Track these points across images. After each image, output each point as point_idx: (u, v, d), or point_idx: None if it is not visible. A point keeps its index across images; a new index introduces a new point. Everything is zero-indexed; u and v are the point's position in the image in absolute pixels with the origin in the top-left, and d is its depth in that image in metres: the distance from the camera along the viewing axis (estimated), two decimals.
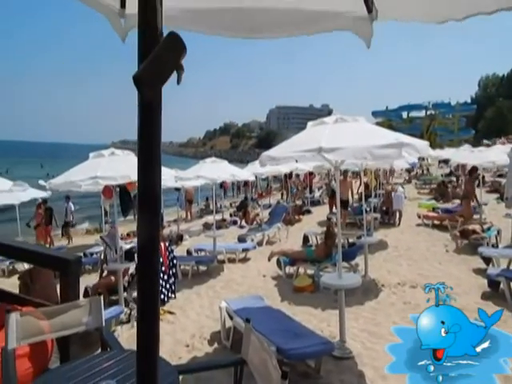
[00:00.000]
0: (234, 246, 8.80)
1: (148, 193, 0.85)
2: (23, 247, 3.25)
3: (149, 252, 0.91)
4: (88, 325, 2.41)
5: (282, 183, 20.90)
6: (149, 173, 0.86)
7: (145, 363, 1.04)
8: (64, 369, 1.85)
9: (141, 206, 0.86)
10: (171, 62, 0.78)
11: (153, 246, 0.92)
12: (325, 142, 4.20)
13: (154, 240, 0.91)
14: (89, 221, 17.31)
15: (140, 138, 0.83)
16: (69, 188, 6.13)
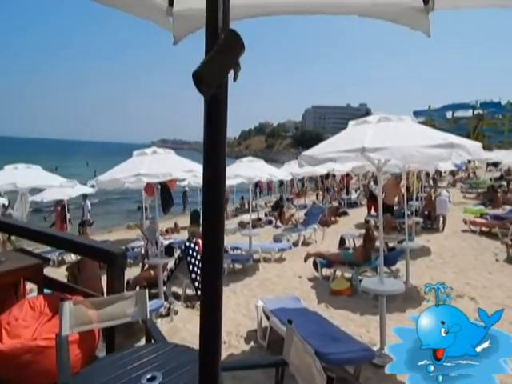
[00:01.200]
0: (269, 245, 8.79)
1: (212, 187, 0.85)
2: (73, 239, 3.43)
3: (214, 244, 0.90)
4: (134, 316, 2.49)
5: (317, 184, 20.61)
6: (214, 168, 0.86)
7: (207, 365, 1.04)
8: (113, 358, 1.92)
9: (205, 200, 0.86)
10: (229, 60, 0.78)
11: (217, 235, 0.91)
12: (368, 142, 4.08)
13: (218, 231, 0.91)
14: (130, 216, 18.06)
15: (206, 134, 0.83)
16: (113, 185, 6.41)
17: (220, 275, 1.02)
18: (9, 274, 3.20)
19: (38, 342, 2.62)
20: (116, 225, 16.53)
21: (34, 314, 2.99)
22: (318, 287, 6.20)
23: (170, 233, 12.23)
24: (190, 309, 5.45)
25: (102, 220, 17.50)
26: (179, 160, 6.37)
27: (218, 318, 1.04)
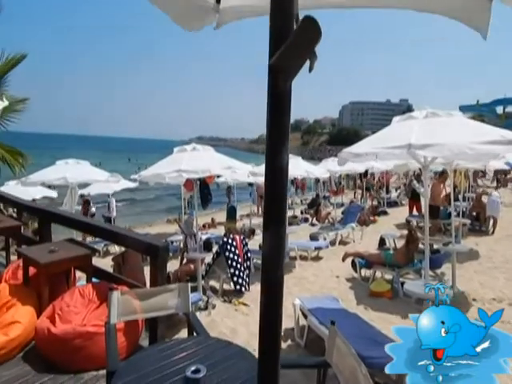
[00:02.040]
0: (306, 243, 8.70)
1: (275, 180, 0.83)
2: (120, 232, 3.58)
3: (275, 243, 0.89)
4: (177, 309, 2.55)
5: (355, 182, 20.09)
6: (277, 160, 0.84)
7: (267, 365, 1.03)
8: (158, 348, 1.97)
9: (268, 193, 0.84)
10: (306, 49, 0.74)
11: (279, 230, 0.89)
12: (415, 138, 3.89)
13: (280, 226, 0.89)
14: (169, 211, 18.65)
15: (269, 126, 0.81)
16: (155, 180, 6.63)
17: (281, 274, 0.99)
18: (61, 263, 3.41)
19: (88, 328, 2.77)
20: (156, 219, 17.14)
21: (84, 302, 3.16)
22: (357, 288, 6.04)
23: (207, 228, 12.47)
24: (227, 304, 5.52)
25: (142, 214, 18.24)
26: (218, 156, 6.46)
27: (277, 316, 1.02)
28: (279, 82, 0.75)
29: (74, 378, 2.58)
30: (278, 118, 0.81)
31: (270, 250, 0.94)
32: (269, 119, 0.81)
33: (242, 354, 1.98)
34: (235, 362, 1.89)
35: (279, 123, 0.81)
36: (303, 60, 0.75)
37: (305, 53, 0.75)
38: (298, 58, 0.75)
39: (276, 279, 0.97)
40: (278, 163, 0.84)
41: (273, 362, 1.02)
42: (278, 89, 0.79)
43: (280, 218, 0.89)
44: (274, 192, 0.85)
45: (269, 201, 0.86)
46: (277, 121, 0.81)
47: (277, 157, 0.83)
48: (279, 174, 0.84)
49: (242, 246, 6.50)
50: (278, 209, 0.87)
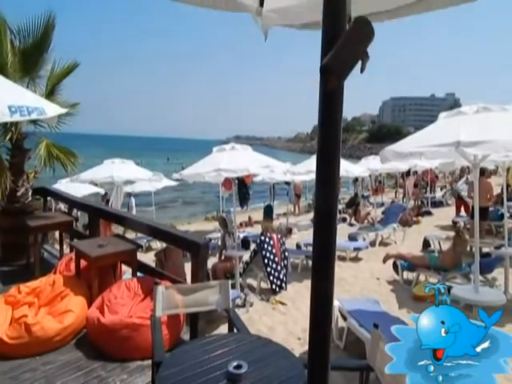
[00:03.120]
0: (344, 243, 8.51)
1: (326, 178, 0.83)
2: (164, 229, 3.72)
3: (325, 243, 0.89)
4: (217, 305, 2.61)
5: (396, 181, 19.34)
6: (328, 159, 0.83)
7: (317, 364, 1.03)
8: (201, 342, 2.03)
9: (318, 193, 0.84)
10: (359, 49, 0.73)
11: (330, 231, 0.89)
12: (464, 135, 3.67)
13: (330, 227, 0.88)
14: (206, 209, 19.07)
15: (321, 126, 0.80)
16: (195, 179, 6.82)
17: (331, 275, 0.98)
18: (109, 257, 3.60)
19: (134, 320, 2.91)
20: (194, 216, 17.59)
21: (130, 294, 3.32)
22: (399, 291, 5.82)
23: (244, 226, 12.59)
24: (264, 302, 5.56)
25: (181, 212, 18.80)
26: (256, 156, 6.49)
27: (327, 318, 1.01)
28: (332, 82, 0.74)
29: (121, 366, 2.72)
30: (330, 118, 0.80)
31: (319, 253, 0.93)
32: (321, 119, 0.80)
33: (283, 352, 1.98)
34: (276, 360, 1.89)
35: (331, 123, 0.80)
36: (355, 60, 0.74)
37: (357, 53, 0.74)
38: (351, 59, 0.74)
39: (326, 284, 0.96)
40: (330, 163, 0.83)
41: (323, 364, 1.01)
42: (330, 89, 0.78)
43: (330, 219, 0.87)
44: (324, 193, 0.85)
45: (319, 202, 0.85)
46: (329, 120, 0.80)
47: (328, 157, 0.82)
48: (331, 174, 0.83)
49: (279, 245, 6.50)
50: (328, 210, 0.86)
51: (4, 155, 4.69)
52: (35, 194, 5.18)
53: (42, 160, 4.97)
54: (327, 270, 0.95)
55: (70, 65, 5.31)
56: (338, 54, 0.73)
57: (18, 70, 4.88)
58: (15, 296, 3.12)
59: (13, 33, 4.90)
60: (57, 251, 5.10)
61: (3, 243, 4.93)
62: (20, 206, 4.79)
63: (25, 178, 4.95)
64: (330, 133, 0.82)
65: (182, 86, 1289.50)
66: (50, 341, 2.84)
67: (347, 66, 0.74)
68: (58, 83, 5.28)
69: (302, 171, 8.61)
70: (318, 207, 0.87)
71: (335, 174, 0.86)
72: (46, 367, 2.66)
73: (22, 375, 2.56)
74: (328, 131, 0.83)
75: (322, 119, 0.82)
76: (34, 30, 4.93)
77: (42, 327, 2.83)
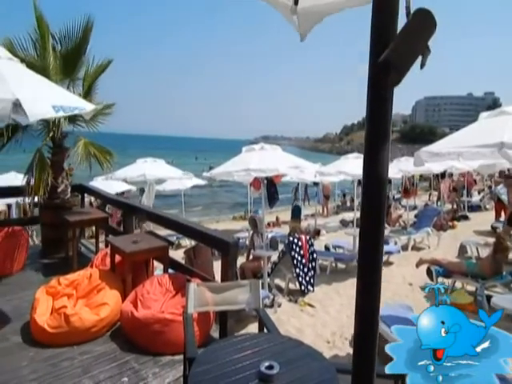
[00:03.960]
0: None
1: (373, 179, 0.80)
2: (195, 227, 3.77)
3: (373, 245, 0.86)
4: (248, 304, 2.61)
5: (430, 183, 18.63)
6: (376, 160, 0.80)
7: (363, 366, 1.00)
8: (232, 341, 2.04)
9: (365, 194, 0.81)
10: (420, 43, 0.69)
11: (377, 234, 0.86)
12: (509, 136, 3.47)
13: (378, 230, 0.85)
14: (234, 209, 19.21)
15: (370, 128, 0.77)
16: (224, 178, 6.88)
17: (378, 278, 0.95)
18: (143, 253, 3.71)
19: (165, 315, 2.97)
20: (222, 215, 17.77)
21: (162, 290, 3.39)
22: (433, 298, 5.57)
23: (272, 226, 12.57)
24: (292, 303, 5.52)
25: (209, 211, 19.05)
26: (285, 156, 6.47)
27: (374, 322, 0.98)
28: (389, 80, 0.70)
29: (153, 360, 2.79)
30: (381, 119, 0.76)
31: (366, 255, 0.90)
32: (369, 120, 0.77)
33: (314, 355, 1.95)
34: (307, 363, 1.87)
35: (382, 124, 0.76)
36: (416, 55, 0.70)
37: (418, 47, 0.69)
38: (411, 54, 0.70)
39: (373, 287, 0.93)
40: (378, 165, 0.79)
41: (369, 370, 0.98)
42: (386, 88, 0.75)
43: (378, 221, 0.84)
44: (371, 196, 0.81)
45: (366, 204, 0.82)
46: (379, 122, 0.76)
47: (376, 159, 0.79)
48: (379, 176, 0.80)
49: (308, 247, 6.43)
50: (376, 213, 0.83)
51: (46, 153, 4.93)
52: (73, 190, 5.42)
53: (80, 158, 5.18)
54: (374, 274, 0.92)
55: (103, 63, 5.48)
56: (398, 49, 0.70)
57: (58, 73, 5.10)
58: (55, 287, 3.27)
59: (54, 38, 5.13)
60: (93, 246, 5.31)
61: (44, 237, 5.20)
62: (60, 201, 5.02)
63: (64, 175, 5.18)
64: (380, 133, 0.79)
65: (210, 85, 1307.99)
66: (87, 331, 2.96)
67: (407, 62, 0.70)
68: (94, 82, 5.47)
69: (332, 172, 8.47)
70: (365, 207, 0.84)
71: (383, 176, 0.82)
72: (83, 357, 2.78)
73: (61, 363, 2.69)
74: (377, 134, 0.79)
75: (371, 120, 0.79)
76: (73, 33, 5.14)
77: (80, 318, 2.95)
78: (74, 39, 5.15)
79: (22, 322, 3.16)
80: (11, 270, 4.32)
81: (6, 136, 4.71)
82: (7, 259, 4.30)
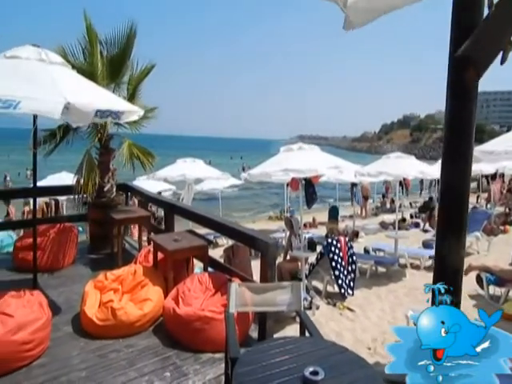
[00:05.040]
0: (418, 250, 7.93)
1: (452, 191, 0.74)
2: (234, 227, 3.78)
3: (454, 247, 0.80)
4: (289, 306, 2.57)
5: (478, 184, 17.49)
6: (456, 162, 0.75)
7: None
8: (275, 343, 2.01)
9: (443, 208, 0.76)
10: (503, 36, 0.63)
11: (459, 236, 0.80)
12: None
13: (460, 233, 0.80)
14: (270, 209, 19.22)
15: (449, 126, 0.72)
16: (262, 178, 6.87)
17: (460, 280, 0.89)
18: (184, 251, 3.78)
19: (206, 313, 3.00)
20: (258, 215, 17.83)
21: (202, 288, 3.44)
22: (483, 307, 5.17)
23: (308, 227, 12.42)
24: (331, 306, 5.40)
25: (245, 211, 19.19)
26: (324, 156, 6.35)
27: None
28: (469, 75, 0.65)
29: (194, 357, 2.83)
30: (464, 115, 0.70)
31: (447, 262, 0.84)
32: (449, 116, 0.71)
33: (359, 362, 1.88)
34: (353, 370, 1.80)
35: (464, 121, 0.70)
36: (497, 50, 0.63)
37: (500, 42, 0.63)
38: (492, 48, 0.63)
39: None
40: (458, 175, 0.74)
41: None
42: (465, 83, 0.69)
43: (461, 222, 0.78)
44: (449, 209, 0.75)
45: (447, 204, 0.76)
46: (461, 118, 0.71)
47: (459, 157, 0.73)
48: (459, 187, 0.74)
49: (347, 249, 6.27)
50: (458, 213, 0.77)
51: (94, 154, 5.19)
52: (118, 189, 5.66)
53: (125, 159, 5.39)
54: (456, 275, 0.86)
55: (147, 67, 5.67)
56: (478, 43, 0.63)
57: (105, 78, 5.34)
58: (103, 282, 3.42)
59: (101, 44, 5.39)
60: (136, 243, 5.52)
61: (92, 233, 5.48)
62: (106, 200, 5.26)
63: (110, 175, 5.43)
64: (461, 135, 0.73)
65: (245, 85, 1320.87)
66: (131, 325, 3.07)
67: (488, 57, 0.64)
68: (138, 85, 5.67)
69: (372, 172, 8.20)
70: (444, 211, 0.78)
71: (466, 177, 0.76)
72: (128, 349, 2.88)
73: (108, 354, 2.80)
74: (459, 132, 0.73)
75: (452, 117, 0.73)
76: (118, 39, 5.36)
77: (126, 312, 3.06)
78: (119, 45, 5.37)
79: (73, 314, 3.33)
80: (63, 264, 4.59)
81: (58, 137, 5.01)
82: (59, 254, 4.57)
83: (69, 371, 2.59)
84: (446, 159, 0.76)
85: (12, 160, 37.21)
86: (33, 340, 2.64)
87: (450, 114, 0.73)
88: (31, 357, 2.65)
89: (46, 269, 4.34)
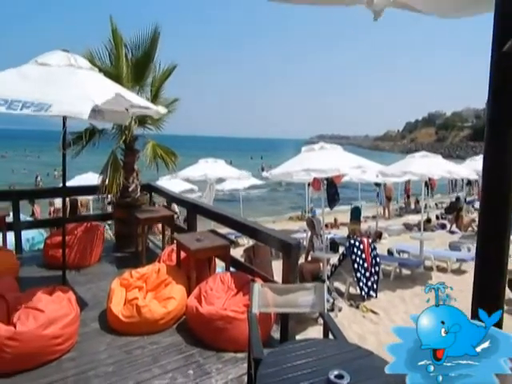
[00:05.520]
0: (445, 253, 7.68)
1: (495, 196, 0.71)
2: (256, 227, 3.79)
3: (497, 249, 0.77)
4: (312, 307, 2.54)
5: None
6: (498, 173, 0.71)
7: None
8: (299, 344, 1.99)
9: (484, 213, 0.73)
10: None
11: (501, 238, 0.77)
12: None
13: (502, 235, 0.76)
14: (290, 209, 19.13)
15: (490, 117, 0.69)
16: (283, 178, 6.86)
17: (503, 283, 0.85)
18: (206, 251, 3.82)
19: (228, 313, 3.02)
20: (278, 215, 17.78)
21: (224, 288, 3.47)
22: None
23: (330, 228, 12.27)
24: (354, 308, 5.31)
25: (265, 211, 19.17)
26: (347, 155, 6.26)
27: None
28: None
29: (216, 355, 2.85)
30: (507, 114, 0.67)
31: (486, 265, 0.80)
32: (491, 115, 0.68)
33: (385, 366, 1.83)
34: (379, 375, 1.75)
35: (507, 120, 0.67)
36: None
37: None
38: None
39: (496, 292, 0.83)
40: (502, 179, 0.70)
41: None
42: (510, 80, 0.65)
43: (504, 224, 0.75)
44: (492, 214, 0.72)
45: (489, 205, 0.73)
46: (503, 117, 0.67)
47: (503, 155, 0.70)
48: (502, 193, 0.70)
49: (370, 250, 6.15)
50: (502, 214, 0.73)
51: (119, 155, 5.32)
52: (142, 189, 5.78)
53: (149, 159, 5.50)
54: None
55: (169, 67, 5.76)
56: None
57: (130, 80, 5.46)
58: (128, 280, 3.50)
59: (126, 47, 5.51)
60: (159, 242, 5.62)
61: (117, 232, 5.62)
62: (130, 200, 5.38)
63: (135, 175, 5.55)
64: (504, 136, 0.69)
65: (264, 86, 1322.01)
66: (156, 323, 3.12)
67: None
68: (161, 86, 5.77)
69: (396, 172, 8.00)
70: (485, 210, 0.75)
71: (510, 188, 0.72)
72: (152, 346, 2.94)
73: (133, 351, 2.87)
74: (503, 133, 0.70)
75: (495, 110, 0.69)
76: (142, 42, 5.47)
77: (150, 310, 3.12)
78: (143, 48, 5.48)
79: (99, 310, 3.43)
80: (89, 262, 4.74)
81: (84, 139, 5.17)
82: (86, 251, 4.72)
83: (96, 366, 2.67)
84: (488, 157, 0.73)
85: (41, 161, 38.72)
86: (62, 335, 2.73)
87: (491, 112, 0.70)
88: (61, 351, 2.75)
89: (73, 266, 4.49)
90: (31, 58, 3.43)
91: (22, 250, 5.21)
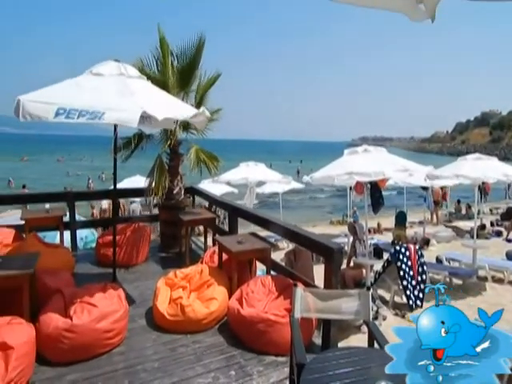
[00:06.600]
0: (501, 262, 7.12)
1: None
2: (297, 231, 3.76)
3: None
4: (356, 315, 2.47)
5: None
6: None
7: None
8: (343, 352, 1.95)
9: None
10: None
11: None
12: None
13: None
14: (331, 213, 18.76)
15: None
16: (325, 182, 6.74)
17: None
18: (247, 253, 3.85)
19: (269, 316, 3.02)
20: (319, 219, 17.52)
21: (265, 291, 3.47)
22: None
23: (373, 233, 11.87)
24: (399, 318, 5.08)
25: (306, 215, 18.96)
26: (392, 158, 6.03)
27: None
28: None
29: (257, 358, 2.86)
30: None
31: None
32: None
33: None
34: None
35: None
36: None
37: None
38: None
39: None
40: None
41: None
42: None
43: None
44: None
45: None
46: None
47: None
48: None
49: (417, 258, 5.86)
50: None
51: (164, 159, 5.54)
52: (186, 192, 5.96)
53: (192, 163, 5.67)
54: None
55: (213, 76, 5.91)
56: None
57: (175, 87, 5.67)
58: (173, 279, 3.62)
59: (172, 55, 5.74)
60: (201, 243, 5.76)
61: (162, 233, 5.84)
62: (175, 202, 5.57)
63: (179, 178, 5.75)
64: None
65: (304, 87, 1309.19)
66: (198, 322, 3.20)
67: None
68: (205, 93, 5.94)
69: (447, 175, 7.55)
70: None
71: None
72: (195, 345, 3.01)
73: (177, 348, 2.96)
74: None
75: None
76: (188, 50, 5.67)
77: (193, 309, 3.21)
78: (188, 55, 5.67)
79: (146, 307, 3.58)
80: (137, 261, 4.97)
81: (133, 144, 5.44)
82: (134, 251, 4.95)
83: (144, 361, 2.78)
84: None
85: (94, 165, 41.36)
86: (113, 329, 2.89)
87: None
88: (112, 344, 2.90)
89: (122, 264, 4.73)
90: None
91: (76, 248, 5.59)
